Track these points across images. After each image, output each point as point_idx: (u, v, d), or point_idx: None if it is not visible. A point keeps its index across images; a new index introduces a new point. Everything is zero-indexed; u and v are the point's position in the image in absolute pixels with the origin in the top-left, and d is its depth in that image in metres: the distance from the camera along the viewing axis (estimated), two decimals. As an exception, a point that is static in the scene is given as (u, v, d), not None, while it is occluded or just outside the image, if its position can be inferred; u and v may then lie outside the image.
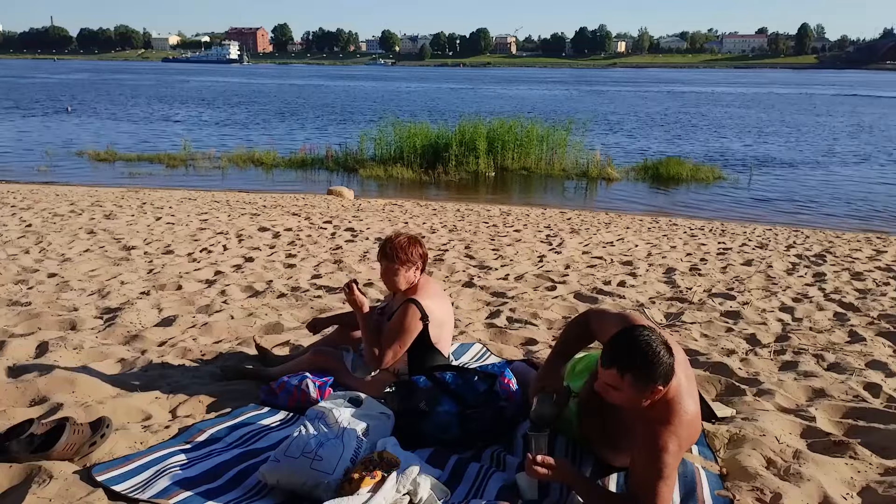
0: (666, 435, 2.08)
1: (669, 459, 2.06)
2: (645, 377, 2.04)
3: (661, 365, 2.04)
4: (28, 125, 24.80)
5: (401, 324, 2.94)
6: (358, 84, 69.03)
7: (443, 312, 3.06)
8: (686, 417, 2.12)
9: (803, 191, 14.56)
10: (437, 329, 3.02)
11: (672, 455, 2.07)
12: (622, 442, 2.28)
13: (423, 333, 2.98)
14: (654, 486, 2.04)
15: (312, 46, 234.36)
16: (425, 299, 2.98)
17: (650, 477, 2.05)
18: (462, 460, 2.47)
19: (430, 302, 3.00)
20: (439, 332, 3.03)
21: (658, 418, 2.10)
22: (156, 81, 66.54)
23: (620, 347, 2.08)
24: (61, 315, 4.20)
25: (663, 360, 2.04)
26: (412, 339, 2.96)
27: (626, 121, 30.47)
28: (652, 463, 2.06)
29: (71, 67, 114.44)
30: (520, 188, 15.25)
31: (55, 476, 2.20)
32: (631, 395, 2.08)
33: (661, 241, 8.24)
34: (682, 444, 2.11)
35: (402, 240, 3.01)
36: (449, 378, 2.76)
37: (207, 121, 27.97)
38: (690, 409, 2.15)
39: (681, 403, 2.13)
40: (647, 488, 2.05)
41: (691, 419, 2.14)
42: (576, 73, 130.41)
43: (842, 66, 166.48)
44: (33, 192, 10.76)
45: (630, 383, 2.05)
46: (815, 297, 5.46)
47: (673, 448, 2.07)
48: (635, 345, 2.05)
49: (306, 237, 7.58)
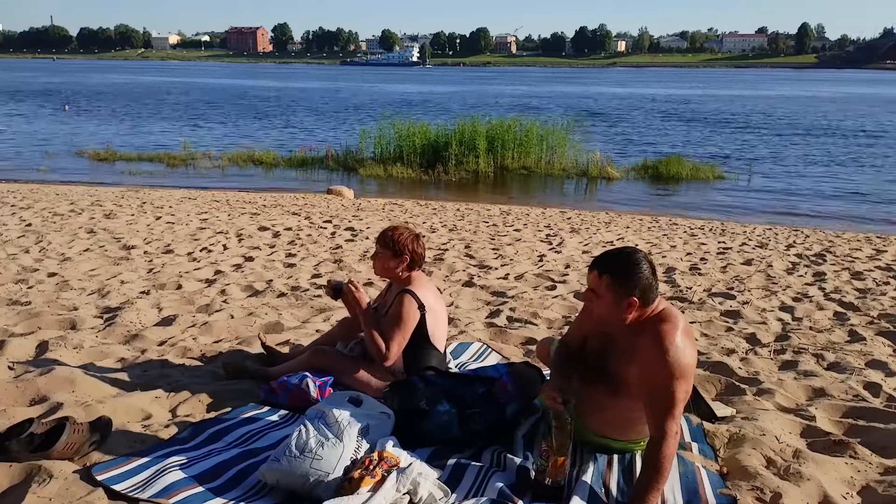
0: (669, 330, 2.13)
1: (677, 353, 2.09)
2: (622, 283, 2.13)
3: (639, 275, 2.13)
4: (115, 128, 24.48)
5: (399, 314, 2.96)
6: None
7: (437, 303, 3.09)
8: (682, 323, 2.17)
9: (804, 190, 14.56)
10: (433, 320, 3.04)
11: (679, 349, 2.09)
12: (624, 373, 2.25)
13: (421, 325, 3.00)
14: (668, 384, 2.06)
15: (312, 46, 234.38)
16: (420, 290, 3.03)
17: (662, 375, 2.07)
18: (462, 460, 2.47)
19: (425, 292, 3.04)
20: (435, 325, 3.05)
21: (657, 328, 2.15)
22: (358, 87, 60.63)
23: (606, 253, 2.23)
24: (61, 314, 4.20)
25: (643, 272, 2.14)
26: (412, 328, 2.98)
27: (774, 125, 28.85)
28: (661, 361, 2.08)
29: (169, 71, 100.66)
30: (520, 187, 15.24)
31: (55, 475, 2.20)
32: (609, 303, 2.16)
33: (661, 240, 8.24)
34: (687, 342, 2.13)
35: (402, 233, 3.05)
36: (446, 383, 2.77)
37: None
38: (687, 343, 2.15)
39: (676, 319, 2.18)
40: (662, 388, 2.07)
41: (687, 326, 2.19)
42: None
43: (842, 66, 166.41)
44: (33, 192, 10.76)
45: (607, 286, 2.14)
46: (815, 297, 5.46)
47: (679, 342, 2.10)
48: (620, 252, 2.19)
49: (306, 236, 7.58)
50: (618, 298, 2.15)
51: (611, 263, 2.17)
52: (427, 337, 3.02)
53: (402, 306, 2.97)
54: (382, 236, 3.08)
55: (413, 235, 3.08)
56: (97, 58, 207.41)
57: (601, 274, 2.17)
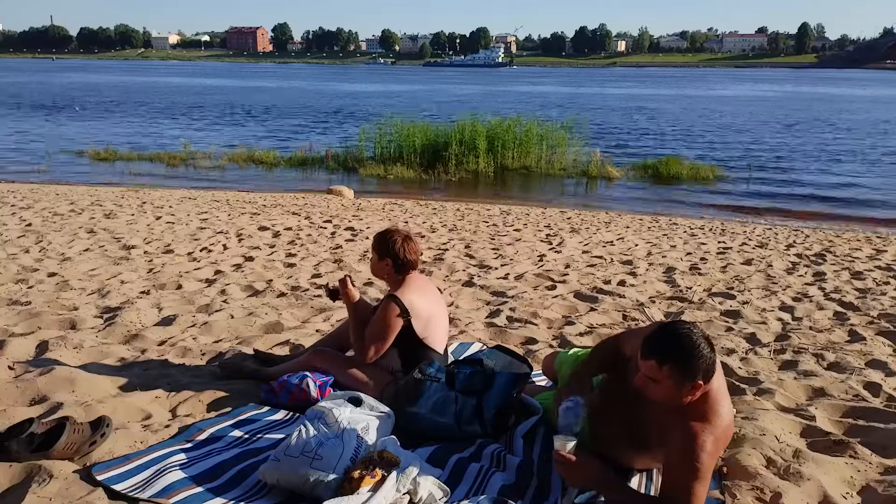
0: (705, 434, 2.03)
1: (706, 459, 2.02)
2: (685, 370, 1.99)
3: (701, 358, 1.99)
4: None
5: (379, 320, 2.97)
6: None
7: (428, 308, 3.04)
8: (725, 419, 2.08)
9: (804, 190, 14.56)
10: (423, 324, 3.00)
11: (709, 455, 2.03)
12: (651, 441, 2.21)
13: (408, 329, 2.98)
14: (690, 485, 2.00)
15: (312, 46, 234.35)
16: (408, 294, 2.99)
17: (686, 477, 2.01)
18: (462, 460, 2.47)
19: (414, 297, 3.00)
20: (425, 327, 3.02)
21: (697, 417, 2.06)
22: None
23: (661, 337, 2.03)
24: (61, 314, 4.20)
25: (704, 353, 2.00)
26: (393, 334, 2.97)
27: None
28: (688, 462, 2.01)
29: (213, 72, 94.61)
30: (520, 187, 15.24)
31: (55, 475, 2.20)
32: (670, 388, 2.03)
33: (661, 240, 8.24)
34: (718, 446, 2.07)
35: (391, 236, 3.03)
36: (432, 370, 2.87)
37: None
38: (727, 410, 2.11)
39: (720, 403, 2.09)
40: (683, 488, 2.01)
41: (728, 422, 2.11)
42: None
43: (842, 66, 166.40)
44: (33, 192, 10.76)
45: (669, 375, 2.00)
46: (815, 297, 5.46)
47: (710, 448, 2.03)
48: (676, 335, 2.01)
49: (306, 236, 7.58)
50: (680, 383, 2.02)
51: (671, 351, 2.00)
52: (418, 340, 3.01)
53: (383, 312, 2.96)
54: (375, 237, 3.09)
55: (403, 238, 3.03)
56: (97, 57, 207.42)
57: (661, 363, 2.00)
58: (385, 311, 2.95)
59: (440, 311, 3.13)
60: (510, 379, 2.77)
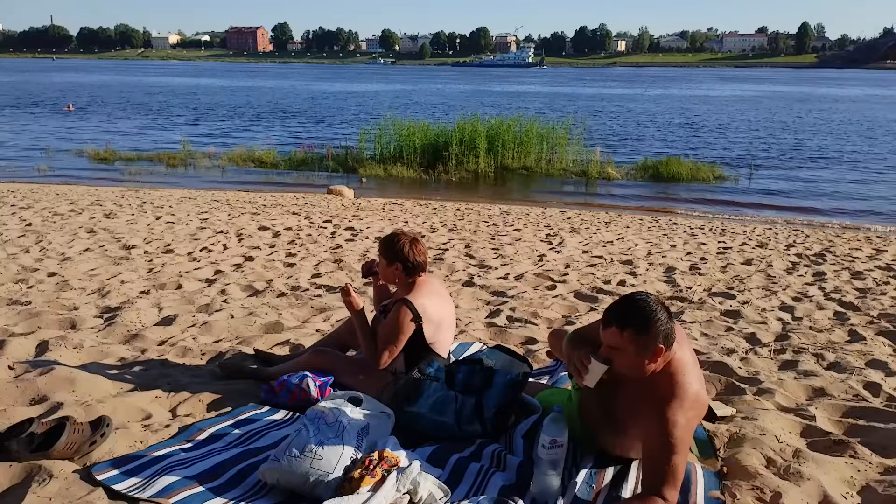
0: (672, 409, 2.11)
1: (679, 432, 2.08)
2: (644, 333, 2.09)
3: (658, 322, 2.10)
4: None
5: (392, 325, 2.97)
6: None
7: (439, 312, 3.06)
8: (691, 390, 2.15)
9: (804, 190, 14.57)
10: (433, 329, 3.02)
11: (682, 428, 2.09)
12: (627, 423, 2.28)
13: (418, 333, 2.99)
14: (668, 460, 2.06)
15: (312, 46, 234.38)
16: (420, 299, 3.00)
17: (663, 453, 2.07)
18: (462, 460, 2.47)
19: (426, 301, 3.01)
20: (435, 332, 3.03)
21: (663, 395, 2.14)
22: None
23: (619, 306, 2.16)
24: (61, 314, 4.20)
25: (661, 317, 2.11)
26: (405, 338, 2.98)
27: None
28: (662, 438, 2.08)
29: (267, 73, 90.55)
30: (520, 187, 15.24)
31: (55, 475, 2.20)
32: (632, 355, 2.13)
33: (661, 240, 8.24)
34: (689, 416, 2.14)
35: (398, 240, 3.04)
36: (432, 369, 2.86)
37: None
38: (694, 384, 2.18)
39: (685, 376, 2.17)
40: (662, 463, 2.07)
41: (696, 391, 2.17)
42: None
43: (842, 66, 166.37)
44: (33, 192, 10.76)
45: (630, 340, 2.11)
46: (815, 297, 5.46)
47: (682, 421, 2.10)
48: (633, 302, 2.14)
49: (306, 236, 7.58)
50: (642, 348, 2.11)
51: (628, 315, 2.12)
52: (425, 344, 3.02)
53: (396, 317, 2.97)
54: (380, 243, 3.09)
55: (410, 241, 3.05)
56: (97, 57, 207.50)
57: (621, 328, 2.11)
58: (398, 316, 2.96)
59: (449, 314, 3.15)
60: (510, 378, 2.77)
